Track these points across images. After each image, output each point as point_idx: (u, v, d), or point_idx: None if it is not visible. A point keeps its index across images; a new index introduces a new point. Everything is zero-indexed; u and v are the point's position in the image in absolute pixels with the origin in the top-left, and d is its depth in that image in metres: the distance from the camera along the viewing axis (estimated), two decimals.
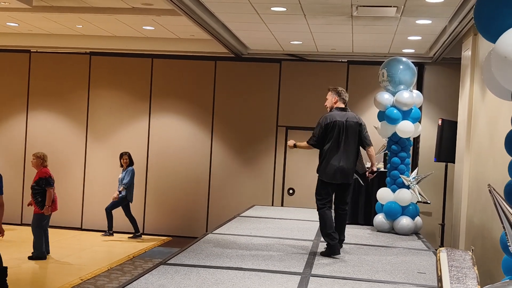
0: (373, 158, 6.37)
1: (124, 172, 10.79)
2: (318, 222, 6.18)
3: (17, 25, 10.72)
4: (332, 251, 5.96)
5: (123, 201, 10.76)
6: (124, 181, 10.68)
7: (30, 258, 8.58)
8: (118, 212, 10.89)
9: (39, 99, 12.04)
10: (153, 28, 10.29)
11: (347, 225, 6.67)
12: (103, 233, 10.95)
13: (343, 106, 6.25)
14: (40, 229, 8.71)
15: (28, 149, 11.94)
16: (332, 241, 5.96)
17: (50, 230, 8.92)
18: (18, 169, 12.05)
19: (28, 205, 8.97)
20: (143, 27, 10.32)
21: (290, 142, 6.30)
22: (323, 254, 5.99)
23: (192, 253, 5.80)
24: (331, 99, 6.28)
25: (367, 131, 6.26)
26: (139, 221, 11.47)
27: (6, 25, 10.81)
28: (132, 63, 11.79)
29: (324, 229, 6.03)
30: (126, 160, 10.81)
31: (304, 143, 6.24)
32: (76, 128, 11.93)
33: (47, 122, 12.02)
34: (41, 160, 8.77)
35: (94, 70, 11.92)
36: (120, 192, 10.72)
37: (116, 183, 10.93)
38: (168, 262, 5.34)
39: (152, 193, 11.72)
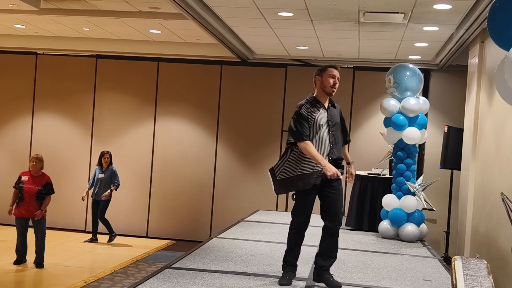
0: None
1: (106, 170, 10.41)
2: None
3: (24, 27, 10.75)
4: None
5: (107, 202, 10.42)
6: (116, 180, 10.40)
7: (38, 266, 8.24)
8: (118, 214, 10.86)
9: (45, 101, 12.05)
10: (160, 31, 10.31)
11: (352, 231, 6.48)
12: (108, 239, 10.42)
13: None
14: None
15: (33, 151, 11.94)
16: None
17: (53, 232, 8.83)
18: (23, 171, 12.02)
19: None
20: (150, 31, 10.34)
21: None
22: None
23: (197, 257, 5.79)
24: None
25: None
26: (143, 224, 11.48)
27: (13, 27, 10.84)
28: (138, 66, 11.80)
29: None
30: (108, 159, 10.45)
31: None
32: (81, 131, 11.93)
33: (53, 124, 12.03)
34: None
35: (100, 73, 11.93)
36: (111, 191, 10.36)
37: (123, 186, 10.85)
38: (173, 266, 5.34)
39: (156, 196, 11.71)
